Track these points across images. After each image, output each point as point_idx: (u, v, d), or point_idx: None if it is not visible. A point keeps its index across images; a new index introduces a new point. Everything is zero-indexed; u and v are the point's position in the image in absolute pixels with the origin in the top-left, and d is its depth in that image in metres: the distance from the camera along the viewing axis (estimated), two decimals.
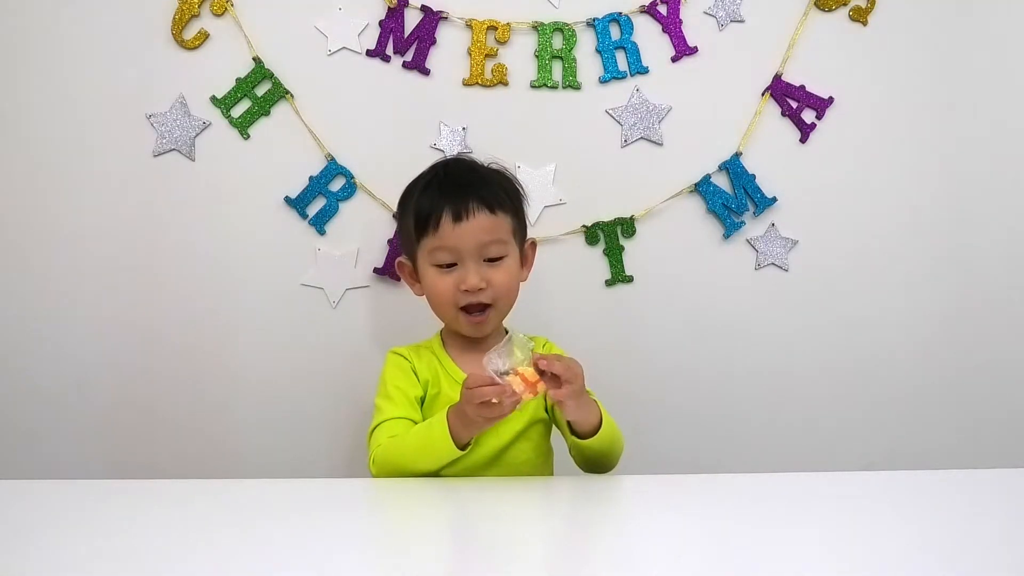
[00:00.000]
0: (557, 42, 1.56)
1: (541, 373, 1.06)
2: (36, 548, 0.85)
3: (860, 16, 1.58)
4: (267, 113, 1.55)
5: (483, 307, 1.23)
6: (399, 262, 1.33)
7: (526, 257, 1.32)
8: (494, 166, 1.32)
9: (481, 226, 1.21)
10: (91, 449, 1.56)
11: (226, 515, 0.97)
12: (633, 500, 1.01)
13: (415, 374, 1.25)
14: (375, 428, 1.19)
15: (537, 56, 1.56)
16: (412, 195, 1.27)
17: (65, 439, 1.56)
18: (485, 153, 1.53)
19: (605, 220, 1.58)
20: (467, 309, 1.23)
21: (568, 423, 1.16)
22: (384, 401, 1.22)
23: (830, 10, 1.58)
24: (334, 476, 1.50)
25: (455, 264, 1.22)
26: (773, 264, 1.61)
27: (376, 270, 1.57)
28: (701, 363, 1.61)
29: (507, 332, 1.28)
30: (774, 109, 1.59)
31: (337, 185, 1.56)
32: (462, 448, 1.10)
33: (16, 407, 1.56)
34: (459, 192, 1.22)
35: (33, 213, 1.55)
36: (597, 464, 1.20)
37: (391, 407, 1.21)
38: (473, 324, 1.24)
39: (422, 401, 1.24)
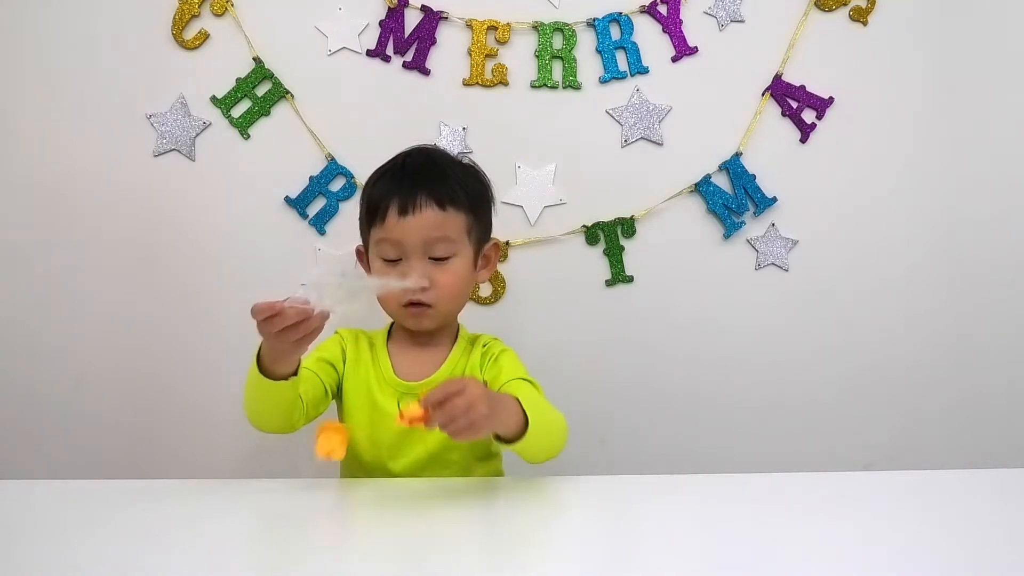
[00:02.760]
0: (557, 42, 1.56)
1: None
2: (36, 548, 0.85)
3: (860, 16, 1.58)
4: (267, 113, 1.55)
5: (423, 304, 1.18)
6: (358, 249, 1.28)
7: (487, 258, 1.27)
8: (464, 161, 1.29)
9: (427, 221, 1.16)
10: (91, 449, 1.56)
11: (226, 515, 0.97)
12: (633, 500, 1.01)
13: (343, 351, 1.23)
14: None
15: (537, 56, 1.56)
16: (369, 183, 1.24)
17: (65, 439, 1.56)
18: (485, 153, 1.55)
19: (605, 220, 1.58)
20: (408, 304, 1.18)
21: None
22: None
23: (830, 10, 1.58)
24: (335, 476, 1.50)
25: (400, 259, 1.17)
26: (773, 264, 1.61)
27: None
28: (701, 363, 1.61)
29: (458, 330, 1.27)
30: (774, 109, 1.59)
31: (337, 185, 1.56)
32: (275, 378, 1.05)
33: (16, 407, 1.56)
34: (410, 184, 1.17)
35: (33, 213, 1.55)
36: (531, 458, 1.09)
37: (311, 355, 1.20)
38: (413, 316, 1.19)
39: (339, 387, 1.22)
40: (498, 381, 1.17)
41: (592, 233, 1.58)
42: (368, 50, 1.55)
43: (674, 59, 1.58)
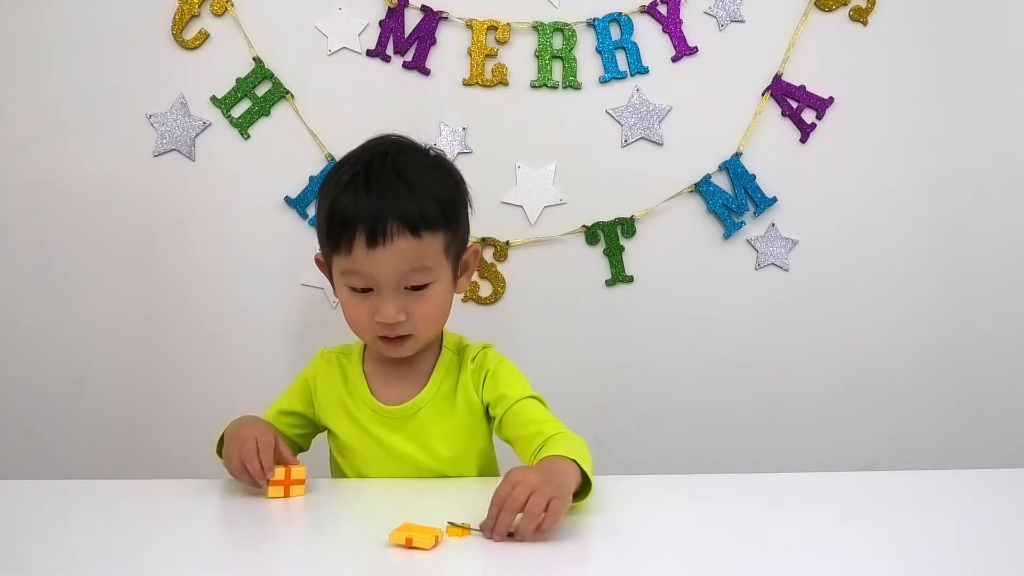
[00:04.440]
0: (557, 42, 1.56)
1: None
2: (36, 548, 0.85)
3: (860, 16, 1.58)
4: (267, 113, 1.55)
5: (400, 336, 1.08)
6: (317, 259, 1.15)
7: (466, 265, 1.14)
8: (433, 154, 1.14)
9: (401, 253, 1.02)
10: (91, 449, 1.56)
11: (225, 514, 0.97)
12: (633, 500, 1.01)
13: (311, 388, 1.17)
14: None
15: (537, 56, 1.56)
16: (328, 191, 1.08)
17: (65, 439, 1.56)
18: (485, 153, 1.55)
19: (605, 220, 1.58)
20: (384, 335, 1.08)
21: None
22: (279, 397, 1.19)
23: (830, 10, 1.58)
24: (334, 476, 1.50)
25: (371, 289, 1.05)
26: (773, 264, 1.61)
27: None
28: (701, 363, 1.61)
29: (442, 337, 1.16)
30: (774, 109, 1.59)
31: None
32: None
33: (16, 407, 1.56)
34: (377, 207, 1.02)
35: (33, 213, 1.55)
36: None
37: (272, 407, 1.18)
38: (391, 347, 1.09)
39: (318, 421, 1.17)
40: (503, 403, 1.10)
41: (592, 233, 1.58)
42: (368, 50, 1.55)
43: (674, 59, 1.58)
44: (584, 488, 0.94)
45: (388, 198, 1.03)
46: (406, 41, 1.55)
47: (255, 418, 1.13)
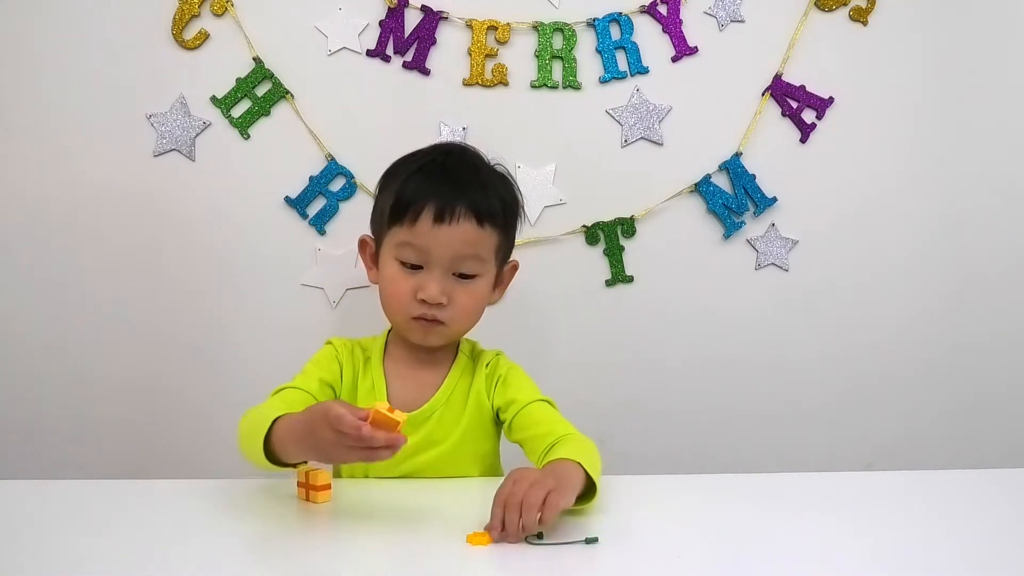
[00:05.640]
0: (557, 42, 1.56)
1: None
2: (36, 548, 0.85)
3: (860, 16, 1.58)
4: (267, 113, 1.55)
5: (436, 320, 1.10)
6: (363, 239, 1.19)
7: (503, 278, 1.18)
8: (499, 168, 1.19)
9: (462, 236, 1.07)
10: (91, 449, 1.56)
11: (225, 515, 0.97)
12: (633, 500, 1.01)
13: (340, 369, 1.14)
14: (277, 390, 1.09)
15: (537, 56, 1.56)
16: (399, 174, 1.13)
17: (65, 439, 1.56)
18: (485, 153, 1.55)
19: (605, 220, 1.58)
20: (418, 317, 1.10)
21: None
22: (298, 375, 1.13)
23: (830, 10, 1.58)
24: (334, 477, 1.50)
25: (421, 267, 1.09)
26: (773, 264, 1.61)
27: None
28: (701, 363, 1.61)
29: (457, 349, 1.17)
30: (774, 109, 1.59)
31: (337, 185, 1.56)
32: (277, 463, 0.94)
33: (16, 407, 1.56)
34: (450, 189, 1.08)
35: (33, 213, 1.55)
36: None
37: (300, 379, 1.11)
38: (421, 329, 1.10)
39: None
40: (513, 407, 1.12)
41: (592, 233, 1.58)
42: (368, 50, 1.55)
43: (674, 59, 1.58)
44: (589, 491, 0.94)
45: (461, 185, 1.09)
46: (406, 41, 1.55)
47: (294, 413, 0.96)
